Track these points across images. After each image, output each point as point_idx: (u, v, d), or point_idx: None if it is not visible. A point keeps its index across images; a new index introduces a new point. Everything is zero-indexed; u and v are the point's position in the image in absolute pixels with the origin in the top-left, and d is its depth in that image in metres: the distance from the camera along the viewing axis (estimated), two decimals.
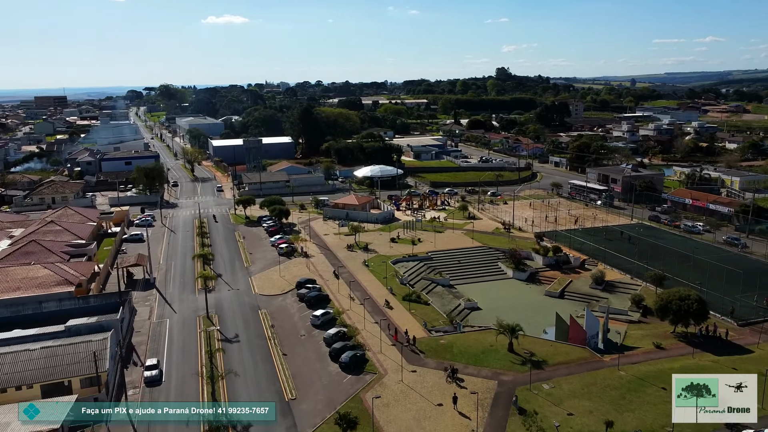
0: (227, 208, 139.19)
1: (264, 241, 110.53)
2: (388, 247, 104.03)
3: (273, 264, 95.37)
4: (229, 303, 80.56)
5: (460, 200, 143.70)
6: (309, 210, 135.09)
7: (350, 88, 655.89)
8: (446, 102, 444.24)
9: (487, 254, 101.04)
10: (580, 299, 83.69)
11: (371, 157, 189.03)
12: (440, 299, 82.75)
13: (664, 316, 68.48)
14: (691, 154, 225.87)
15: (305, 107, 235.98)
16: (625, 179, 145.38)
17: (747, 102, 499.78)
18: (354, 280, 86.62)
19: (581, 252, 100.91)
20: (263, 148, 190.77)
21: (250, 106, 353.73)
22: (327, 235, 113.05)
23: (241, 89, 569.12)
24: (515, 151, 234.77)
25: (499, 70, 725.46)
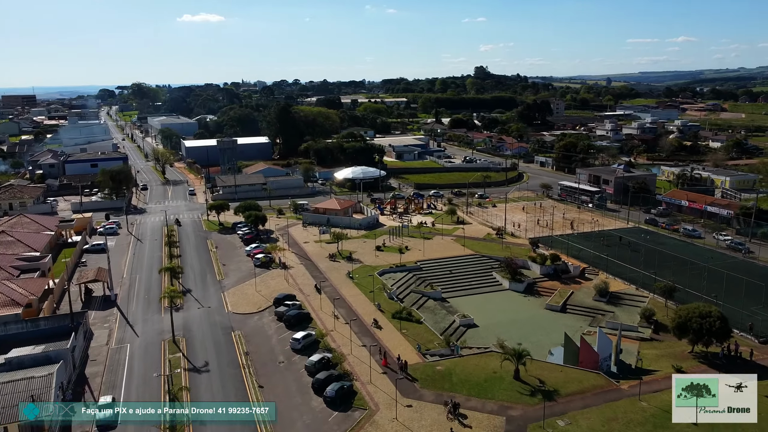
0: (199, 214, 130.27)
1: (239, 250, 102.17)
2: (373, 256, 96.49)
3: (248, 277, 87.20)
4: (199, 323, 72.23)
5: (447, 203, 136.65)
6: (287, 215, 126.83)
7: (328, 87, 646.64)
8: (426, 101, 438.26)
9: (480, 263, 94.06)
10: (584, 313, 77.11)
11: (352, 157, 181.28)
12: (432, 315, 75.44)
13: (682, 335, 62.07)
14: (675, 153, 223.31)
15: (282, 106, 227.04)
16: (618, 180, 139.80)
17: (723, 100, 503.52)
18: (338, 295, 78.93)
19: (579, 260, 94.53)
20: (238, 149, 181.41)
21: (226, 105, 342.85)
22: (307, 243, 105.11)
23: (216, 88, 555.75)
24: (499, 151, 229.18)
25: (478, 68, 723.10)
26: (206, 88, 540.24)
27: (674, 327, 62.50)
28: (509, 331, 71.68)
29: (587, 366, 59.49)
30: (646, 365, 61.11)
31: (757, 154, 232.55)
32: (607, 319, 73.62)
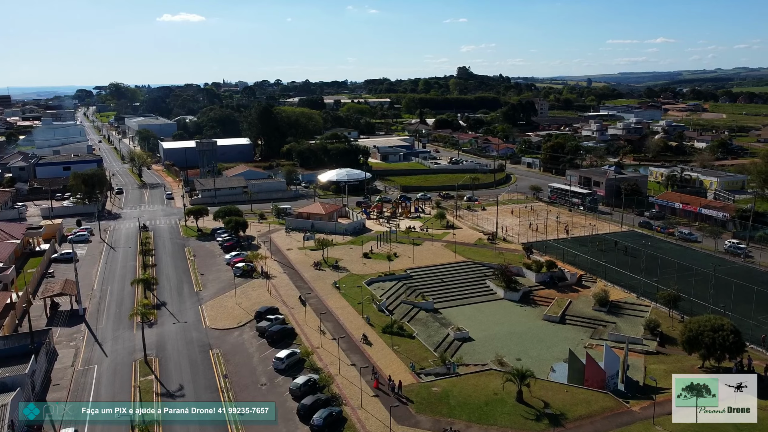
0: (177, 219, 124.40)
1: (218, 258, 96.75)
2: (360, 264, 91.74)
3: (228, 287, 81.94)
4: (174, 341, 66.90)
5: (435, 206, 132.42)
6: (269, 220, 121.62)
7: (310, 88, 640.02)
8: (410, 101, 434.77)
9: (472, 270, 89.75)
10: (584, 324, 73.06)
11: (336, 159, 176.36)
12: (425, 329, 70.90)
13: (693, 349, 58.24)
14: (661, 154, 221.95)
15: (264, 106, 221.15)
16: (609, 182, 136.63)
17: (704, 101, 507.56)
18: (324, 307, 74.10)
19: (575, 266, 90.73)
20: (218, 151, 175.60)
21: (206, 106, 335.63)
22: (290, 250, 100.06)
23: (197, 88, 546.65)
24: (485, 152, 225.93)
25: (461, 69, 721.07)
26: (186, 89, 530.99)
27: (684, 341, 58.62)
28: (507, 344, 67.54)
29: (593, 385, 55.37)
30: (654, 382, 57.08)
31: (742, 154, 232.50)
32: (609, 331, 69.68)
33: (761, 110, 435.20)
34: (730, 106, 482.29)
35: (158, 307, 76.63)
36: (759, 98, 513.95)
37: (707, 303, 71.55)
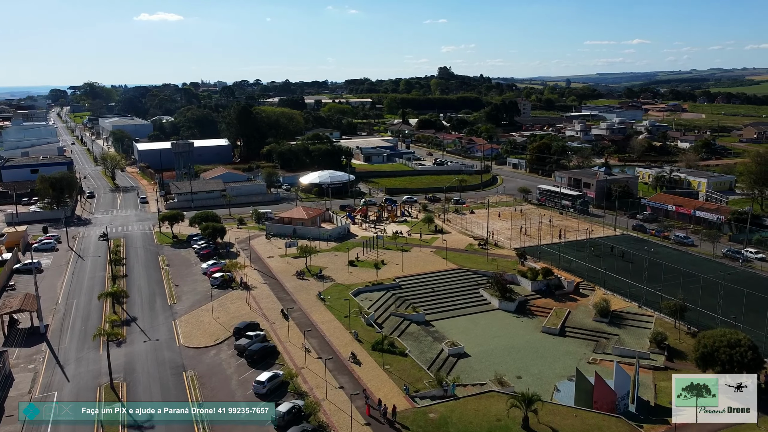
0: (151, 225, 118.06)
1: (194, 267, 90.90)
2: (346, 273, 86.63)
3: (205, 300, 76.25)
4: (144, 362, 61.16)
5: (422, 210, 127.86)
6: (249, 225, 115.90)
7: (291, 88, 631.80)
8: (391, 101, 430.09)
9: (465, 279, 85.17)
10: (586, 336, 68.86)
11: (318, 161, 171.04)
12: (417, 344, 66.08)
13: (707, 366, 54.17)
14: (646, 154, 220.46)
15: (243, 106, 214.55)
16: (600, 183, 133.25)
17: (683, 101, 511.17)
18: (308, 321, 68.95)
19: (571, 272, 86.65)
20: (195, 152, 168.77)
21: (184, 106, 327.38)
22: (271, 257, 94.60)
23: (174, 88, 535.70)
24: (470, 153, 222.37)
25: (442, 69, 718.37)
26: (164, 89, 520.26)
27: (698, 357, 54.54)
28: (505, 361, 63.03)
29: (603, 407, 51.03)
30: (666, 401, 52.53)
31: (725, 154, 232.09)
32: (612, 344, 65.51)
33: (739, 110, 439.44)
34: (708, 106, 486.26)
35: (128, 323, 70.78)
36: (736, 98, 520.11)
37: (715, 313, 67.62)
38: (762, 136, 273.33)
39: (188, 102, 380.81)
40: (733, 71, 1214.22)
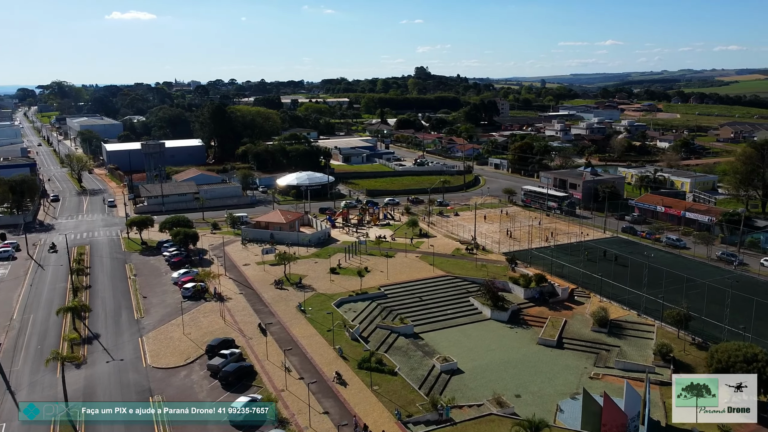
0: (119, 230, 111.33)
1: (164, 277, 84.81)
2: (327, 281, 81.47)
3: (175, 313, 70.41)
4: (106, 386, 55.21)
5: (405, 212, 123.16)
6: (224, 230, 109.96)
7: (266, 87, 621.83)
8: (369, 101, 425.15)
9: (453, 286, 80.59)
10: (585, 348, 64.75)
11: (296, 161, 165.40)
12: (407, 360, 61.26)
13: None
14: (626, 154, 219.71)
15: (217, 105, 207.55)
16: (587, 184, 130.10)
17: (657, 101, 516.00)
18: (288, 337, 63.74)
19: (563, 278, 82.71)
20: (167, 153, 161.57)
21: (156, 106, 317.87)
22: (247, 265, 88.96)
23: (147, 88, 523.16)
24: (450, 153, 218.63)
25: (419, 69, 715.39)
26: (136, 88, 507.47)
27: (713, 373, 50.59)
28: (502, 377, 58.57)
29: (612, 430, 46.78)
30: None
31: (704, 154, 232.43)
32: (614, 358, 61.49)
33: (712, 110, 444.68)
34: (683, 106, 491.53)
35: (89, 341, 64.65)
36: (709, 99, 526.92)
37: (722, 323, 63.97)
38: (739, 135, 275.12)
39: (161, 102, 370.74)
40: (702, 72, 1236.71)
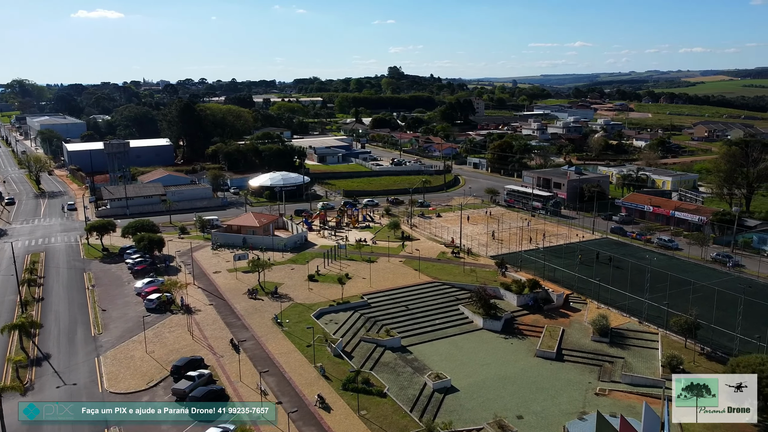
0: (78, 236, 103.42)
1: (126, 287, 77.69)
2: (306, 290, 75.43)
3: (137, 329, 63.57)
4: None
5: (385, 214, 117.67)
6: (192, 234, 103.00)
7: (237, 87, 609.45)
8: (343, 100, 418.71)
9: (441, 293, 75.30)
10: (587, 360, 60.01)
11: (269, 161, 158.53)
12: (395, 378, 55.67)
13: None
14: (603, 152, 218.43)
15: (185, 102, 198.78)
16: (571, 183, 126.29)
17: (629, 101, 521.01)
18: (264, 355, 57.58)
19: (556, 283, 78.12)
20: (133, 153, 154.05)
21: (123, 105, 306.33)
22: (218, 272, 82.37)
23: (114, 87, 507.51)
24: (427, 152, 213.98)
25: (392, 69, 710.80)
26: (102, 87, 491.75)
27: None
28: (500, 395, 53.42)
29: None
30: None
31: (680, 153, 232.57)
32: (621, 371, 56.80)
33: (683, 110, 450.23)
34: (654, 105, 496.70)
35: (38, 362, 57.51)
36: (679, 98, 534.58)
37: (734, 331, 59.79)
38: (713, 134, 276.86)
39: (128, 101, 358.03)
40: (669, 73, 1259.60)
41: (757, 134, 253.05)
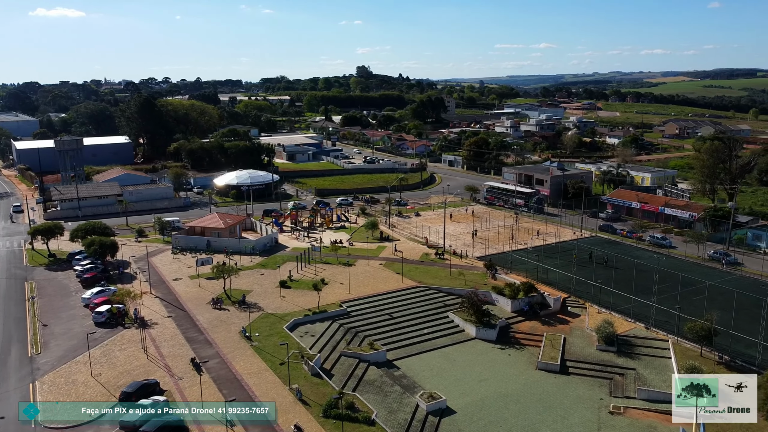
0: (23, 240, 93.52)
1: (73, 298, 68.81)
2: (277, 297, 67.78)
3: (82, 347, 54.87)
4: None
5: (361, 213, 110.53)
6: (151, 237, 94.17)
7: (202, 86, 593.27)
8: (312, 98, 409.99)
9: (428, 299, 68.52)
10: (595, 373, 53.86)
11: (236, 159, 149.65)
12: (382, 399, 48.62)
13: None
14: (577, 150, 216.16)
15: (145, 97, 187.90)
16: (555, 180, 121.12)
17: (596, 100, 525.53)
18: (231, 376, 49.81)
19: (550, 285, 72.09)
20: (89, 151, 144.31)
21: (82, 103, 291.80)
22: (179, 279, 74.06)
23: (73, 85, 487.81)
24: (400, 150, 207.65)
25: (360, 68, 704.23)
26: (61, 86, 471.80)
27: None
28: (504, 417, 46.89)
29: None
30: None
31: (653, 150, 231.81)
32: (635, 385, 50.81)
33: (649, 108, 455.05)
34: (621, 105, 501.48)
35: None
36: (645, 98, 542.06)
37: (757, 339, 54.34)
38: (683, 131, 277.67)
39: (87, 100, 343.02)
40: (631, 74, 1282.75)
41: (727, 131, 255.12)
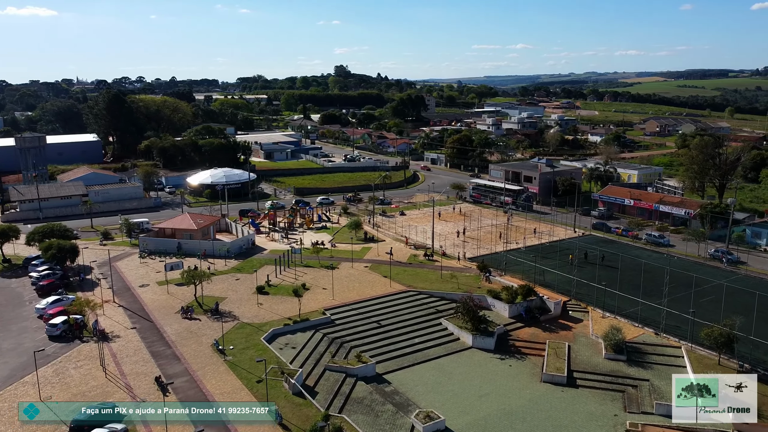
0: None
1: (26, 308, 62.10)
2: (254, 304, 61.88)
3: (30, 365, 48.50)
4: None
5: (343, 212, 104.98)
6: (118, 239, 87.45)
7: (177, 85, 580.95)
8: (290, 97, 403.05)
9: (419, 305, 63.13)
10: (605, 385, 48.97)
11: (210, 158, 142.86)
12: (374, 420, 43.16)
13: None
14: (560, 148, 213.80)
15: (114, 93, 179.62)
16: (544, 177, 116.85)
17: (575, 99, 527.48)
18: (201, 394, 43.84)
19: (548, 287, 67.37)
20: (53, 150, 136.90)
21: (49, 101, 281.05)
22: (146, 286, 67.68)
23: (44, 85, 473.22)
24: (381, 148, 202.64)
25: (338, 67, 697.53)
26: (30, 86, 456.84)
27: None
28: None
29: None
30: None
31: (636, 147, 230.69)
32: (650, 398, 46.07)
33: (627, 107, 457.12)
34: (599, 104, 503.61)
35: None
36: (622, 97, 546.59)
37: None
38: (664, 129, 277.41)
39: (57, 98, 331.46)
40: (606, 75, 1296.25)
41: (708, 128, 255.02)
